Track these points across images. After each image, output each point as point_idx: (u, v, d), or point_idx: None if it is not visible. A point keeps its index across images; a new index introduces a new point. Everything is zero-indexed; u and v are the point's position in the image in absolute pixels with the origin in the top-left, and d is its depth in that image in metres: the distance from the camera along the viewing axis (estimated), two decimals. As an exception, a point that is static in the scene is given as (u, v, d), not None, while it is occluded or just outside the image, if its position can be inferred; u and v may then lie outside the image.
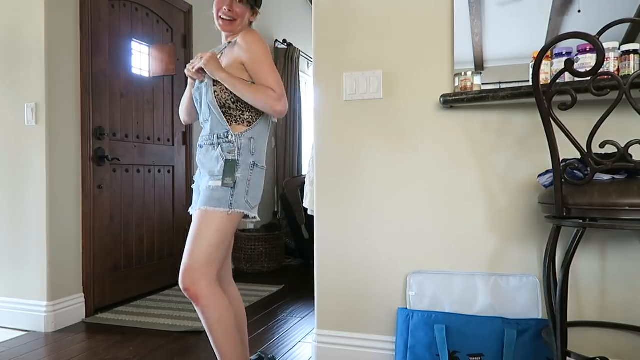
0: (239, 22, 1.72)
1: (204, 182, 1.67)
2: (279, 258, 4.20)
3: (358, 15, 2.01)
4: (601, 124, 1.27)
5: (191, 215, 1.71)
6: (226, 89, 1.65)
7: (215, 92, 1.66)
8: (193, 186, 1.83)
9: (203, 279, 1.59)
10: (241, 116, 1.68)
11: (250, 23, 1.79)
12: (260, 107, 1.67)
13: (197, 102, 1.77)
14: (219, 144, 1.66)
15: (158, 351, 2.29)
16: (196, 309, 1.64)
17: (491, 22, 1.82)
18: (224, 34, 1.79)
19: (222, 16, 1.72)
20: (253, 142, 1.68)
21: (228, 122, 1.66)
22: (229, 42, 1.74)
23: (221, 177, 1.62)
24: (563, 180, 1.37)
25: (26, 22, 2.63)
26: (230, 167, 1.62)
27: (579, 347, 1.70)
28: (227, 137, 1.65)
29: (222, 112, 1.66)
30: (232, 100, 1.66)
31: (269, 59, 1.69)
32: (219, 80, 1.65)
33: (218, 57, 1.71)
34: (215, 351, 1.66)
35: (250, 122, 1.69)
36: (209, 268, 1.60)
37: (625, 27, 1.65)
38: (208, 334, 1.66)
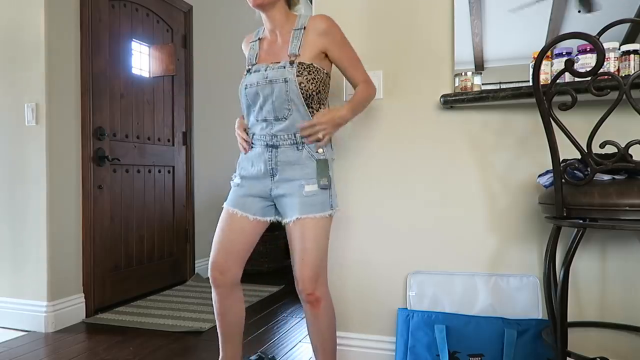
0: None
1: (293, 187, 1.57)
2: (279, 258, 4.20)
3: (358, 15, 2.01)
4: (601, 124, 1.27)
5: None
6: (313, 78, 1.55)
7: (300, 83, 1.53)
8: (238, 184, 1.67)
9: (325, 284, 1.65)
10: (319, 109, 1.60)
11: None
12: (371, 101, 1.71)
13: (256, 100, 1.60)
14: (302, 142, 1.57)
15: (158, 351, 2.29)
16: (310, 311, 1.64)
17: (491, 22, 1.82)
18: (264, 18, 1.64)
19: None
20: (329, 138, 1.63)
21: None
22: (297, 29, 1.60)
23: (315, 178, 1.56)
24: (563, 180, 1.37)
25: (26, 22, 2.63)
26: (323, 166, 1.57)
27: (579, 347, 1.71)
28: None
29: (306, 104, 1.56)
30: (317, 90, 1.57)
31: (350, 43, 1.66)
32: (349, 119, 1.61)
33: (271, 42, 1.65)
34: (321, 354, 1.68)
35: None
36: (325, 273, 1.65)
37: (625, 27, 1.65)
38: (318, 337, 1.67)
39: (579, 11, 1.71)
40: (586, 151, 1.31)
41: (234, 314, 1.75)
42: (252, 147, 1.65)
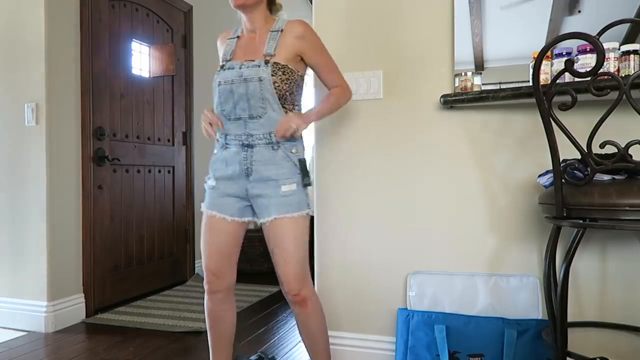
0: None
1: (269, 188, 1.57)
2: (279, 258, 4.20)
3: (358, 15, 2.01)
4: (601, 124, 1.27)
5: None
6: (287, 78, 1.56)
7: (275, 82, 1.54)
8: (213, 187, 1.65)
9: (309, 283, 1.65)
10: (293, 110, 1.62)
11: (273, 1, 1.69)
12: (343, 105, 1.74)
13: (230, 97, 1.58)
14: (278, 142, 1.57)
15: (158, 352, 2.29)
16: (299, 312, 1.64)
17: (491, 22, 1.82)
18: (244, 18, 1.65)
19: None
20: (302, 139, 1.66)
21: None
22: (274, 31, 1.62)
23: (295, 179, 1.57)
24: (563, 180, 1.37)
25: (26, 23, 2.63)
26: (305, 166, 1.60)
27: (579, 347, 1.70)
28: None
29: (280, 104, 1.56)
30: (290, 91, 1.59)
31: (326, 49, 1.69)
32: (319, 119, 1.64)
33: (249, 41, 1.67)
34: (314, 352, 1.69)
35: None
36: (308, 271, 1.65)
37: (625, 27, 1.65)
38: (310, 336, 1.67)
39: (579, 11, 1.72)
40: (586, 151, 1.31)
41: (228, 322, 1.74)
42: (226, 148, 1.63)
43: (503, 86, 1.77)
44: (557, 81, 1.36)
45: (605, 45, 1.40)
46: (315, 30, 1.66)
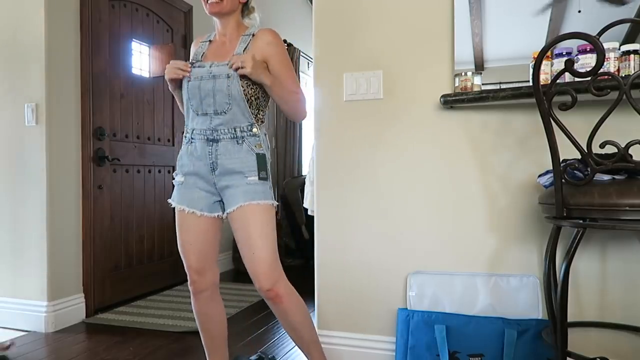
0: (226, 1, 1.62)
1: (235, 179, 1.59)
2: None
3: (358, 15, 2.01)
4: (601, 124, 1.27)
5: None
6: (252, 84, 1.60)
7: (242, 86, 1.59)
8: (182, 182, 1.67)
9: (280, 277, 1.61)
10: (257, 115, 1.65)
11: (245, 4, 1.72)
12: (292, 112, 1.71)
13: (197, 93, 1.61)
14: (242, 137, 1.61)
15: (158, 352, 2.29)
16: (276, 308, 1.62)
17: (491, 22, 1.82)
18: (218, 23, 1.70)
19: None
20: (267, 138, 1.69)
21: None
22: (245, 35, 1.67)
23: (256, 171, 1.60)
24: (563, 180, 1.37)
25: (26, 23, 2.63)
26: (263, 161, 1.62)
27: (579, 347, 1.70)
28: (252, 131, 1.61)
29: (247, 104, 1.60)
30: (255, 96, 1.62)
31: (290, 61, 1.72)
32: (267, 85, 1.59)
33: (222, 46, 1.70)
34: (303, 346, 1.68)
35: (262, 121, 1.68)
36: (279, 264, 1.62)
37: (625, 27, 1.65)
38: (294, 331, 1.66)
39: (579, 11, 1.71)
40: (586, 151, 1.31)
41: (218, 320, 1.74)
42: (192, 142, 1.66)
43: (503, 86, 1.77)
44: (557, 81, 1.37)
45: (605, 45, 1.40)
46: (283, 43, 1.70)
